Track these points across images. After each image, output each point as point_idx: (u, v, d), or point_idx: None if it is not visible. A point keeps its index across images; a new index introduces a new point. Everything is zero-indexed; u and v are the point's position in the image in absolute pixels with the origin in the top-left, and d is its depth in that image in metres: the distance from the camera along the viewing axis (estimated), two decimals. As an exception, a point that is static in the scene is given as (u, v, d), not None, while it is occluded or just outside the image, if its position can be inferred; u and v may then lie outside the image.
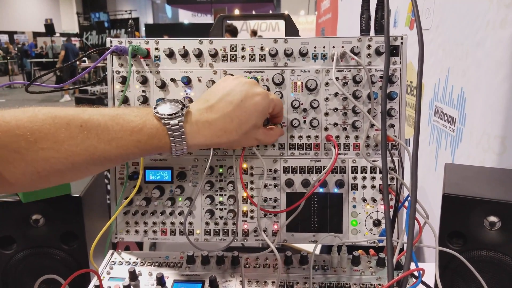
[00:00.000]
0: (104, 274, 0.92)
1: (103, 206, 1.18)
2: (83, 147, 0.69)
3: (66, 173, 0.71)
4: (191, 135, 0.78)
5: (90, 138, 0.70)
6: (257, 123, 0.84)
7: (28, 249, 0.98)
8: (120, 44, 0.95)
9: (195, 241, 0.99)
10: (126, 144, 0.73)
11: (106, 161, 0.73)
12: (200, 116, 0.80)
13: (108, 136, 0.71)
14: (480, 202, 0.84)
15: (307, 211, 0.96)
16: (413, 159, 0.73)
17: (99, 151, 0.71)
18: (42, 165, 0.67)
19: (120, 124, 0.73)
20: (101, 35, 17.69)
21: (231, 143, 0.83)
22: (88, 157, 0.70)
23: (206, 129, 0.79)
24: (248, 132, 0.83)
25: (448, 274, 0.89)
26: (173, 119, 0.76)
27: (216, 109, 0.80)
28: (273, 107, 0.86)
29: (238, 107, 0.80)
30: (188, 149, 0.78)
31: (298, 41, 0.94)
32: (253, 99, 0.82)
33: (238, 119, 0.80)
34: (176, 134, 0.76)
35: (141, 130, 0.74)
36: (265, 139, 0.89)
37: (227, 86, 0.83)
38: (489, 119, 1.29)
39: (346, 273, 0.91)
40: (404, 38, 0.92)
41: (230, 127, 0.80)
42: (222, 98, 0.81)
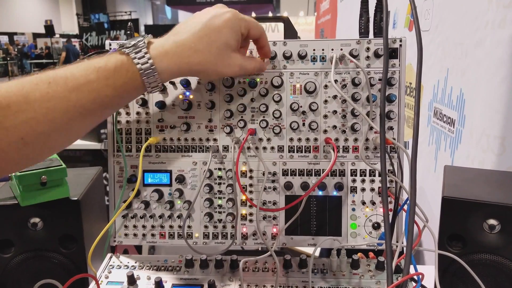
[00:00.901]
0: (102, 278, 0.92)
1: (102, 210, 1.17)
2: (57, 101, 0.67)
3: (50, 134, 0.69)
4: (158, 59, 0.74)
5: (60, 90, 0.68)
6: (229, 41, 0.79)
7: (27, 253, 0.97)
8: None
9: (193, 244, 0.99)
10: (96, 86, 0.70)
11: (84, 111, 0.70)
12: (166, 40, 0.77)
13: (76, 82, 0.69)
14: (480, 205, 0.84)
15: (306, 214, 0.96)
16: (412, 163, 0.73)
17: (73, 101, 0.68)
18: (23, 129, 0.65)
19: (85, 68, 0.70)
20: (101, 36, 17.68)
21: (206, 66, 0.79)
22: (65, 110, 0.68)
23: (173, 51, 0.76)
24: (222, 53, 0.79)
25: (448, 278, 0.89)
26: (136, 47, 0.74)
27: (182, 31, 0.77)
28: (247, 27, 0.82)
29: (206, 25, 0.77)
30: (160, 76, 0.75)
31: (297, 44, 0.93)
32: (222, 16, 0.79)
33: (207, 36, 0.77)
34: (142, 60, 0.73)
35: (106, 65, 0.71)
36: (246, 63, 0.85)
37: (194, 15, 0.81)
38: (489, 120, 1.29)
39: (346, 277, 0.91)
40: (403, 40, 0.91)
41: (200, 46, 0.76)
42: (189, 23, 0.79)
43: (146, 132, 0.98)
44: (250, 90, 0.95)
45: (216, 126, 0.96)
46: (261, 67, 0.91)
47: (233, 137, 0.96)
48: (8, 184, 1.02)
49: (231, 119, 0.95)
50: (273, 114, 0.94)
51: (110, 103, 0.74)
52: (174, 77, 0.81)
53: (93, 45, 17.78)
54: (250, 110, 0.95)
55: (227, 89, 0.95)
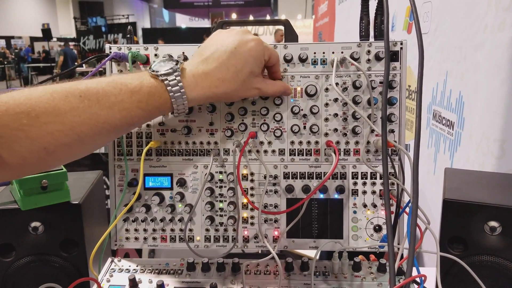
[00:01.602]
0: (104, 282, 0.92)
1: (103, 213, 1.17)
2: (86, 116, 0.69)
3: (73, 146, 0.70)
4: (189, 88, 0.78)
5: (91, 106, 0.69)
6: (254, 69, 0.83)
7: (28, 257, 0.97)
8: (119, 50, 0.95)
9: (195, 247, 0.99)
10: (128, 106, 0.73)
11: (111, 128, 0.72)
12: (196, 69, 0.80)
13: (108, 101, 0.71)
14: (481, 207, 0.84)
15: (308, 217, 0.96)
16: (414, 165, 0.73)
17: (103, 118, 0.70)
18: (48, 140, 0.66)
19: (119, 88, 0.72)
20: (98, 40, 17.69)
21: (230, 93, 0.82)
22: (93, 125, 0.70)
23: (204, 80, 0.79)
24: (246, 80, 0.82)
25: (449, 280, 0.89)
26: (170, 75, 0.76)
27: (211, 60, 0.80)
28: (269, 54, 0.86)
29: (233, 54, 0.80)
30: (189, 103, 0.79)
31: (297, 47, 0.94)
32: (247, 45, 0.81)
33: (234, 66, 0.80)
34: (175, 88, 0.76)
35: (140, 89, 0.74)
36: (266, 87, 0.88)
37: (219, 38, 0.83)
38: (488, 123, 1.29)
39: (347, 279, 0.91)
40: (404, 43, 0.92)
41: (227, 76, 0.80)
42: (216, 49, 0.81)
43: (147, 136, 0.98)
44: (251, 93, 0.95)
45: (217, 130, 0.96)
46: (284, 89, 0.92)
47: (234, 140, 0.96)
48: (8, 188, 1.02)
49: (232, 123, 0.96)
50: (274, 117, 0.94)
51: (138, 122, 0.77)
52: (200, 103, 0.87)
53: (91, 48, 17.79)
54: (251, 113, 0.95)
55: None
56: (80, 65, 1.06)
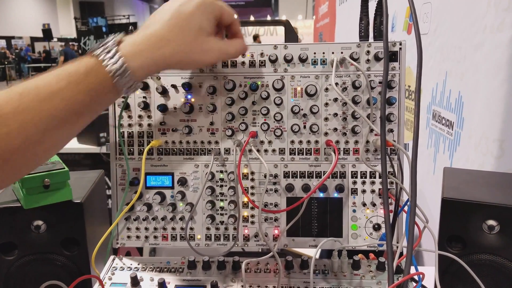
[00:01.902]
0: (105, 280, 0.92)
1: (104, 212, 1.18)
2: (28, 112, 0.63)
3: (26, 149, 0.65)
4: (129, 56, 0.69)
5: (31, 101, 0.64)
6: (203, 25, 0.75)
7: (30, 255, 0.98)
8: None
9: (196, 246, 0.99)
10: (68, 93, 0.66)
11: (58, 122, 0.66)
12: (137, 35, 0.73)
13: (48, 91, 0.65)
14: (479, 206, 0.84)
15: (308, 216, 0.97)
16: (413, 164, 0.73)
17: (45, 112, 0.64)
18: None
19: (57, 75, 0.67)
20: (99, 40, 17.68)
21: (181, 55, 0.75)
22: (38, 122, 0.64)
23: (145, 44, 0.71)
24: (197, 39, 0.75)
25: (448, 278, 0.89)
26: (106, 48, 0.69)
27: (153, 23, 0.74)
28: (220, 10, 0.78)
29: (177, 12, 0.74)
30: (134, 75, 0.70)
31: (297, 47, 0.94)
32: (191, 1, 0.75)
33: (179, 24, 0.73)
34: (112, 60, 0.68)
35: (77, 71, 0.67)
36: (225, 46, 0.81)
37: (164, 5, 0.77)
38: (488, 123, 1.30)
39: (347, 278, 0.92)
40: (403, 43, 0.92)
41: (172, 35, 0.73)
42: (160, 13, 0.75)
43: (148, 135, 0.98)
44: (251, 93, 0.95)
45: (217, 129, 0.97)
46: (243, 48, 0.86)
47: (234, 139, 0.97)
48: (11, 187, 1.03)
49: (233, 122, 0.96)
50: (274, 117, 0.95)
51: (85, 110, 0.69)
52: (151, 73, 0.78)
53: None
54: (251, 113, 0.96)
55: (229, 92, 0.96)
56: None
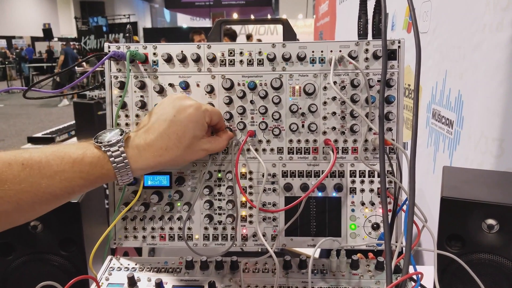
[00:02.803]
0: (103, 280, 0.92)
1: (101, 212, 1.18)
2: (27, 184, 0.69)
3: (12, 214, 0.70)
4: (133, 159, 0.79)
5: (32, 175, 0.70)
6: (196, 134, 0.84)
7: (27, 255, 0.98)
8: (118, 49, 0.95)
9: (194, 246, 0.99)
10: (69, 176, 0.73)
11: (52, 197, 0.72)
12: (139, 139, 0.81)
13: (50, 170, 0.71)
14: (478, 205, 0.84)
15: (306, 215, 0.97)
16: (411, 163, 0.73)
17: (43, 187, 0.70)
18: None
19: (61, 157, 0.73)
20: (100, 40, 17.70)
21: (176, 160, 0.83)
22: (33, 194, 0.70)
23: (147, 151, 0.80)
24: (191, 145, 0.84)
25: (447, 277, 0.89)
26: (113, 146, 0.78)
27: (152, 130, 0.82)
28: (210, 116, 0.87)
29: (172, 122, 0.82)
30: (133, 174, 0.80)
31: (296, 46, 0.94)
32: (185, 111, 0.83)
33: (175, 134, 0.82)
34: (118, 159, 0.77)
35: (82, 160, 0.74)
36: (212, 146, 0.89)
37: (160, 106, 0.86)
38: (487, 122, 1.30)
39: (345, 277, 0.91)
40: (402, 42, 0.92)
41: (170, 144, 0.81)
42: (157, 118, 0.83)
43: (146, 134, 0.98)
44: (249, 92, 0.95)
45: None
46: (228, 140, 0.94)
47: (232, 139, 0.96)
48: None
49: (231, 121, 0.96)
50: (273, 116, 0.95)
51: (79, 191, 0.77)
52: (146, 173, 0.87)
53: (92, 48, 17.80)
54: (249, 112, 0.95)
55: (227, 92, 0.95)
56: (79, 63, 1.06)
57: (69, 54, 13.60)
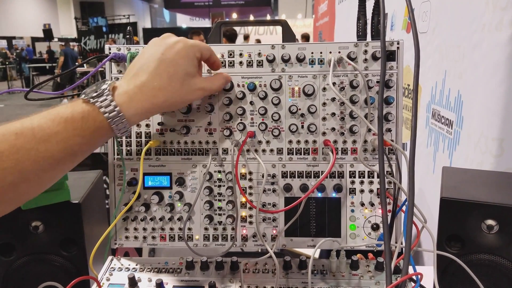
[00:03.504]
0: (103, 281, 0.92)
1: (102, 212, 1.18)
2: (24, 152, 0.67)
3: (19, 185, 0.68)
4: (124, 105, 0.75)
5: (28, 141, 0.68)
6: (188, 69, 0.81)
7: (28, 256, 0.98)
8: (119, 51, 0.95)
9: (194, 246, 0.99)
10: (65, 136, 0.70)
11: (54, 162, 0.70)
12: (128, 85, 0.78)
13: (44, 133, 0.69)
14: (478, 205, 0.84)
15: (306, 216, 0.97)
16: (410, 164, 0.73)
17: (42, 152, 0.69)
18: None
19: (52, 119, 0.71)
20: (99, 40, 17.70)
21: (172, 100, 0.81)
22: (34, 161, 0.68)
23: (138, 94, 0.77)
24: (185, 83, 0.81)
25: (447, 278, 0.89)
26: (100, 96, 0.74)
27: (141, 72, 0.78)
28: (199, 50, 0.83)
29: (161, 61, 0.79)
30: (129, 121, 0.76)
31: (295, 47, 0.94)
32: (173, 48, 0.80)
33: (166, 72, 0.78)
34: (109, 108, 0.74)
35: (73, 116, 0.72)
36: (208, 85, 0.87)
37: (145, 51, 0.82)
38: (487, 122, 1.30)
39: (345, 278, 0.92)
40: (401, 43, 0.92)
41: (162, 83, 0.78)
42: (144, 61, 0.80)
43: (146, 135, 0.98)
44: (249, 93, 0.95)
45: (215, 129, 0.97)
46: (225, 81, 0.92)
47: (232, 139, 0.96)
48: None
49: (230, 122, 0.96)
50: (272, 116, 0.95)
51: (80, 150, 0.74)
52: (144, 118, 0.83)
53: (92, 48, 17.80)
54: (249, 113, 0.96)
55: (226, 93, 0.96)
56: (80, 65, 1.06)
57: (69, 54, 13.53)
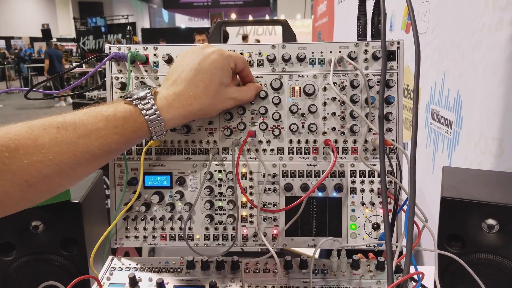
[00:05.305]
0: (104, 280, 0.92)
1: (103, 212, 1.18)
2: (65, 145, 0.70)
3: (54, 177, 0.70)
4: (164, 110, 0.80)
5: (69, 136, 0.71)
6: (223, 80, 0.85)
7: (28, 256, 0.98)
8: (119, 50, 0.95)
9: (194, 246, 0.99)
10: (104, 133, 0.74)
11: (90, 157, 0.73)
12: (167, 91, 0.82)
13: (85, 129, 0.72)
14: (478, 205, 0.84)
15: (306, 215, 0.97)
16: (411, 163, 0.73)
17: (81, 147, 0.71)
18: (29, 172, 0.67)
19: (94, 116, 0.74)
20: (98, 40, 17.68)
21: (206, 108, 0.84)
22: (72, 155, 0.71)
23: (176, 101, 0.81)
24: (218, 92, 0.84)
25: (448, 277, 0.89)
26: (143, 99, 0.79)
27: (179, 81, 0.83)
28: (234, 62, 0.87)
29: (198, 71, 0.82)
30: (166, 125, 0.81)
31: (295, 47, 0.94)
32: (209, 58, 0.83)
33: (202, 82, 0.82)
34: (150, 111, 0.78)
35: (115, 115, 0.76)
36: (240, 95, 0.90)
37: (183, 59, 0.86)
38: (486, 122, 1.30)
39: (346, 277, 0.92)
40: (401, 43, 0.92)
41: (198, 92, 0.82)
42: (182, 70, 0.84)
43: (147, 135, 0.98)
44: (249, 92, 0.95)
45: (216, 129, 0.97)
46: (256, 91, 0.94)
47: (233, 139, 0.96)
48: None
49: (231, 122, 0.96)
50: (273, 116, 0.95)
51: (117, 148, 0.78)
52: (179, 123, 0.86)
53: (90, 49, 17.78)
54: (249, 112, 0.96)
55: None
56: (80, 65, 1.06)
57: (53, 55, 12.90)
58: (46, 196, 0.74)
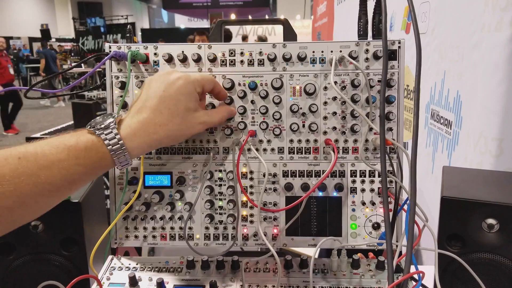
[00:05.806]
0: (104, 280, 0.92)
1: (102, 212, 1.18)
2: (26, 177, 0.68)
3: (15, 209, 0.69)
4: (128, 139, 0.78)
5: (30, 167, 0.69)
6: (189, 105, 0.83)
7: (28, 255, 0.97)
8: (119, 49, 0.95)
9: (194, 246, 0.99)
10: (66, 164, 0.72)
11: (52, 188, 0.71)
12: (132, 119, 0.80)
13: (47, 160, 0.71)
14: (479, 204, 0.84)
15: (307, 215, 0.97)
16: (412, 163, 0.73)
17: (43, 178, 0.70)
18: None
19: (56, 146, 0.72)
20: (97, 40, 17.68)
21: (172, 136, 0.83)
22: (33, 186, 0.69)
23: (140, 130, 0.79)
24: (185, 118, 0.83)
25: (448, 277, 0.89)
26: (106, 129, 0.77)
27: (144, 108, 0.81)
28: (201, 85, 0.86)
29: (162, 98, 0.81)
30: (130, 155, 0.78)
31: (296, 46, 0.94)
32: (174, 84, 0.82)
33: (167, 109, 0.81)
34: (113, 141, 0.76)
35: (77, 145, 0.74)
36: (210, 118, 0.89)
37: (148, 86, 0.84)
38: (486, 122, 1.30)
39: (346, 277, 0.92)
40: (402, 42, 0.92)
41: (163, 120, 0.80)
42: (147, 97, 0.82)
43: (147, 134, 0.98)
44: (250, 92, 0.95)
45: (216, 128, 0.97)
46: (227, 114, 0.94)
47: (233, 139, 0.96)
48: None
49: (231, 121, 0.96)
50: (273, 115, 0.95)
51: (79, 179, 0.76)
52: (145, 152, 0.86)
53: (90, 49, 17.77)
54: (250, 112, 0.96)
55: (227, 91, 0.95)
56: (78, 65, 1.06)
57: (48, 56, 12.92)
58: (9, 228, 0.73)
